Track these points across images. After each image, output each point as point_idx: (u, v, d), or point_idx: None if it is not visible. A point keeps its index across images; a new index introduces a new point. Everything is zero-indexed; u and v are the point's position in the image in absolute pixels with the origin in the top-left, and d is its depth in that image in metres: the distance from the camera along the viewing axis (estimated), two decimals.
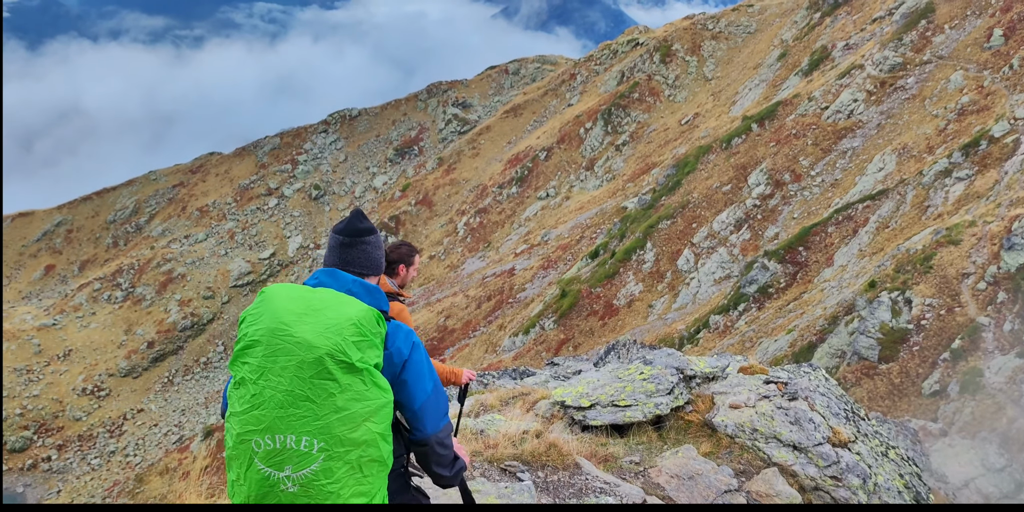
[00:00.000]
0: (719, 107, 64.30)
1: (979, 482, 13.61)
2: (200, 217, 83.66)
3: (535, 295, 52.73)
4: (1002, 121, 36.73)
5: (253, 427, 3.02)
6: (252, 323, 3.16)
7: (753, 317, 36.86)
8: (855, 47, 54.75)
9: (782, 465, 8.01)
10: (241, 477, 3.08)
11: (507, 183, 71.09)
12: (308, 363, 3.02)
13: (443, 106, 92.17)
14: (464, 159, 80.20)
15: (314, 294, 3.23)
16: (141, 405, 64.70)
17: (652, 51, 75.06)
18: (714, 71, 71.37)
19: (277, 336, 3.07)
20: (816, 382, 9.73)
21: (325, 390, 3.01)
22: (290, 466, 2.99)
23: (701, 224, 46.87)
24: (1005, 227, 27.81)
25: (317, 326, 3.08)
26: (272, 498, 3.03)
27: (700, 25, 76.00)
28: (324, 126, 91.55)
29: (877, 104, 46.66)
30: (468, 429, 9.01)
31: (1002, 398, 21.60)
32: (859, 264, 35.08)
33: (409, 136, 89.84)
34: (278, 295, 3.21)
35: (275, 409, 3.00)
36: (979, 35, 45.86)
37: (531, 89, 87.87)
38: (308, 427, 2.99)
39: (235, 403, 3.10)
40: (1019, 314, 24.61)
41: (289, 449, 2.99)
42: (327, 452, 3.00)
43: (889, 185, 39.38)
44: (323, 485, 3.01)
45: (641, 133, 68.16)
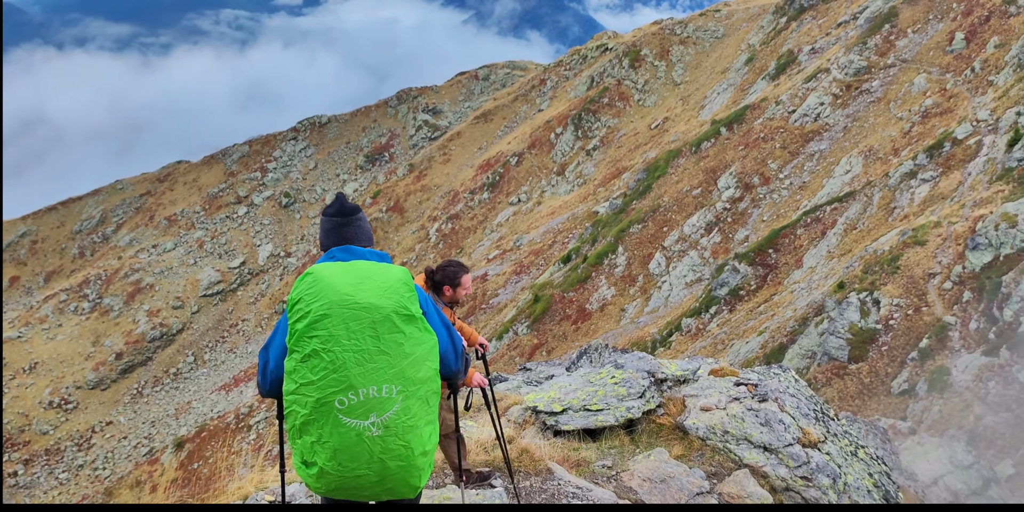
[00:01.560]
0: (688, 111, 64.76)
1: (948, 479, 13.78)
2: (168, 226, 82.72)
3: (508, 300, 52.69)
4: (965, 123, 37.32)
5: (335, 388, 3.48)
6: (313, 300, 3.57)
7: (725, 319, 37.09)
8: (821, 51, 55.42)
9: (753, 466, 8.03)
10: (324, 435, 3.51)
11: (478, 189, 71.06)
12: (378, 322, 3.55)
13: (413, 112, 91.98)
14: (435, 165, 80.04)
15: (355, 266, 3.74)
16: (110, 417, 63.71)
17: (621, 56, 75.47)
18: (683, 76, 71.89)
19: (345, 306, 3.54)
20: (786, 383, 9.78)
21: (396, 341, 3.57)
22: (375, 413, 3.51)
23: (672, 228, 47.12)
24: (969, 227, 28.23)
25: (376, 290, 3.63)
26: (359, 445, 3.50)
27: (668, 30, 76.55)
28: (294, 133, 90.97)
29: (843, 107, 47.24)
30: None
31: (969, 396, 21.88)
32: (828, 265, 35.43)
33: (379, 143, 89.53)
34: (328, 272, 3.67)
35: (354, 367, 3.48)
36: (941, 39, 46.61)
37: (501, 95, 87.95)
38: (386, 376, 3.52)
39: (307, 374, 3.50)
40: (984, 313, 24.96)
41: (372, 399, 3.50)
42: (404, 393, 3.56)
43: (856, 187, 39.84)
44: (403, 421, 3.55)
45: (611, 138, 68.45)
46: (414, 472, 3.65)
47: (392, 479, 3.62)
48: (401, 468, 3.60)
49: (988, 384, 22.02)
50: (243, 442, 45.03)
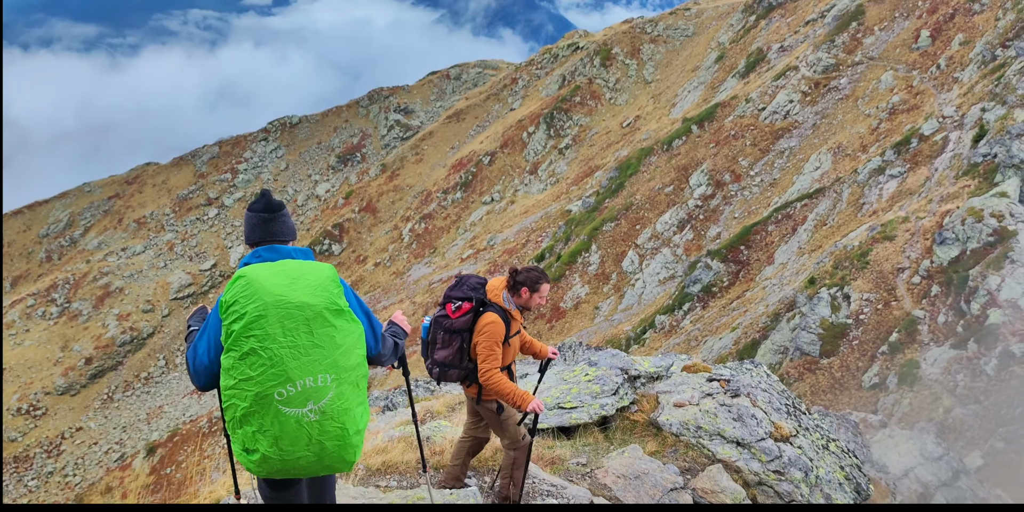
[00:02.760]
0: (659, 109, 65.06)
1: (918, 471, 13.94)
2: (137, 229, 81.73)
3: None
4: (931, 119, 37.79)
5: (274, 382, 3.73)
6: (248, 302, 3.78)
7: (698, 316, 37.29)
8: (790, 49, 55.90)
9: (726, 461, 8.06)
10: (265, 425, 3.76)
11: (451, 188, 70.91)
12: (311, 319, 3.81)
13: (385, 112, 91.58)
14: (407, 165, 79.74)
15: (285, 266, 3.98)
16: (80, 423, 62.81)
17: (592, 55, 75.65)
18: (654, 74, 72.19)
19: (279, 306, 3.77)
20: (758, 378, 9.83)
21: (328, 335, 3.84)
22: (312, 401, 3.78)
23: (645, 225, 47.30)
24: (937, 222, 28.58)
25: (307, 289, 3.87)
26: (299, 430, 3.78)
27: (639, 29, 76.84)
28: (264, 134, 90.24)
29: (812, 104, 47.68)
30: (414, 436, 8.91)
31: (938, 388, 22.16)
32: (799, 261, 35.74)
33: (351, 143, 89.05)
34: (260, 274, 3.88)
35: (291, 362, 3.74)
36: (907, 36, 47.20)
37: (473, 94, 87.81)
38: (321, 367, 3.79)
39: (246, 370, 3.73)
40: (952, 306, 25.29)
41: (309, 388, 3.77)
42: (338, 380, 3.85)
43: (826, 183, 40.22)
44: (338, 405, 3.85)
45: (583, 136, 68.59)
46: (349, 449, 3.96)
47: (330, 457, 3.92)
48: (338, 447, 3.91)
49: (957, 377, 22.31)
50: (216, 446, 44.57)
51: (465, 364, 6.25)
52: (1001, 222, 26.69)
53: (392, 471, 7.94)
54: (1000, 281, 24.57)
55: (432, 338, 6.30)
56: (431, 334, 6.31)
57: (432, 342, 6.30)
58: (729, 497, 7.57)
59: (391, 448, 8.57)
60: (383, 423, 11.47)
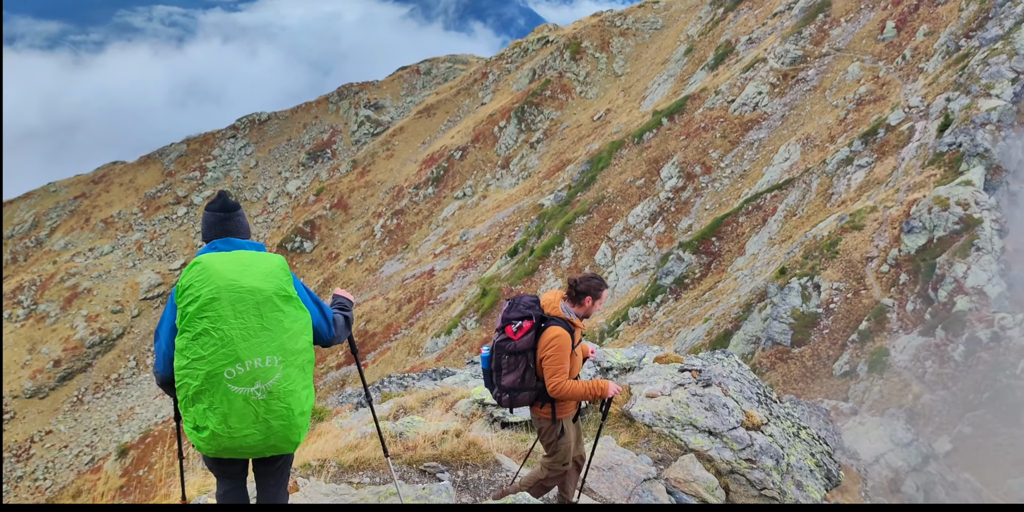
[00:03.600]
0: (630, 102, 65.21)
1: (888, 457, 14.09)
2: (105, 229, 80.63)
3: (456, 295, 52.53)
4: (897, 110, 38.19)
5: (224, 362, 3.95)
6: (202, 286, 4.01)
7: (671, 308, 37.47)
8: (758, 41, 56.23)
9: (699, 451, 8.08)
10: (215, 402, 3.98)
11: (423, 184, 70.66)
12: (261, 302, 4.05)
13: (355, 108, 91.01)
14: (378, 161, 79.34)
15: (238, 255, 4.23)
16: (49, 426, 61.94)
17: (562, 49, 75.63)
18: (624, 67, 72.34)
19: (231, 289, 4.01)
20: (729, 368, 9.87)
21: (276, 319, 4.08)
22: (259, 381, 4.01)
23: (617, 218, 47.43)
24: (904, 211, 28.91)
25: (259, 275, 4.12)
26: (246, 408, 4.01)
27: (608, 22, 76.92)
28: (233, 131, 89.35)
29: (781, 96, 48.01)
30: (387, 432, 8.84)
31: (907, 375, 22.44)
32: (770, 252, 36.01)
33: (321, 139, 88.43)
34: (214, 261, 4.13)
35: (241, 343, 3.97)
36: (873, 27, 47.64)
37: (443, 89, 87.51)
38: (269, 348, 4.03)
39: (198, 350, 3.95)
40: (920, 294, 25.61)
41: (257, 369, 3.99)
42: (284, 363, 4.07)
43: (795, 174, 40.54)
44: (284, 387, 4.07)
45: (555, 130, 68.61)
46: (294, 430, 4.17)
47: (275, 437, 4.13)
48: (283, 426, 4.12)
49: (925, 363, 22.60)
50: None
51: (535, 384, 6.12)
52: (967, 210, 27.06)
53: (365, 467, 7.88)
54: (966, 268, 24.92)
55: (496, 365, 6.13)
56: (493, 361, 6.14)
57: (496, 369, 6.14)
58: (702, 486, 7.59)
59: (363, 445, 8.50)
60: (356, 420, 11.39)
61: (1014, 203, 31.81)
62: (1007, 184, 31.74)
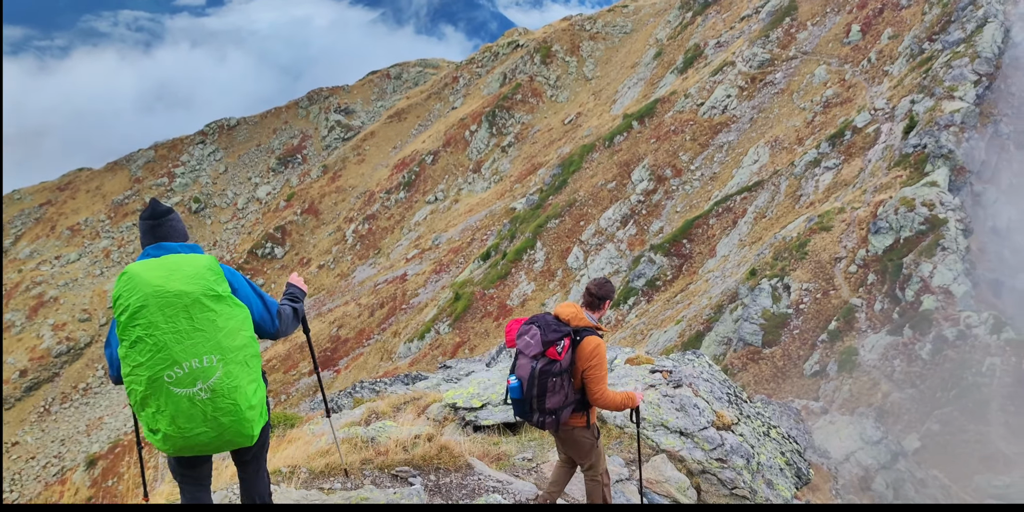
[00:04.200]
0: (600, 106, 65.47)
1: (859, 455, 14.23)
2: (71, 236, 79.48)
3: (428, 300, 52.38)
4: (864, 112, 38.69)
5: (162, 366, 4.04)
6: (130, 295, 4.10)
7: (643, 310, 37.63)
8: (726, 45, 56.71)
9: (670, 451, 8.10)
10: (162, 405, 4.09)
11: (395, 188, 70.43)
12: (190, 305, 4.11)
13: (325, 113, 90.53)
14: (349, 165, 78.97)
15: (166, 260, 4.29)
16: (16, 438, 60.84)
17: (533, 52, 75.80)
18: (594, 71, 72.64)
19: (158, 295, 4.09)
20: (700, 368, 9.91)
21: (208, 319, 4.14)
22: (200, 381, 4.08)
23: (588, 222, 47.56)
24: (871, 212, 29.27)
25: (184, 278, 4.17)
26: (193, 408, 4.10)
27: (578, 26, 77.23)
28: (201, 137, 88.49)
29: (749, 99, 48.45)
30: (359, 437, 8.78)
31: (876, 374, 22.69)
32: (740, 253, 36.28)
33: (291, 144, 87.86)
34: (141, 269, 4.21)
35: (175, 346, 4.05)
36: (839, 31, 48.25)
37: (414, 93, 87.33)
38: (205, 349, 4.10)
39: (136, 357, 4.05)
40: (888, 294, 25.92)
41: (196, 369, 4.08)
42: (224, 360, 4.15)
43: (764, 176, 40.91)
44: (227, 383, 4.15)
45: (526, 134, 68.71)
46: (246, 424, 4.27)
47: (228, 432, 4.24)
48: (233, 422, 4.22)
49: (894, 362, 22.87)
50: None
51: (574, 398, 6.03)
52: (932, 211, 27.45)
53: (336, 473, 7.81)
54: (932, 268, 25.27)
55: (539, 391, 5.99)
56: (534, 388, 5.97)
57: (540, 395, 6.02)
58: (674, 486, 7.61)
59: (334, 450, 8.43)
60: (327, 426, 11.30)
61: (978, 203, 32.34)
62: (971, 185, 32.28)
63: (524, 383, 5.85)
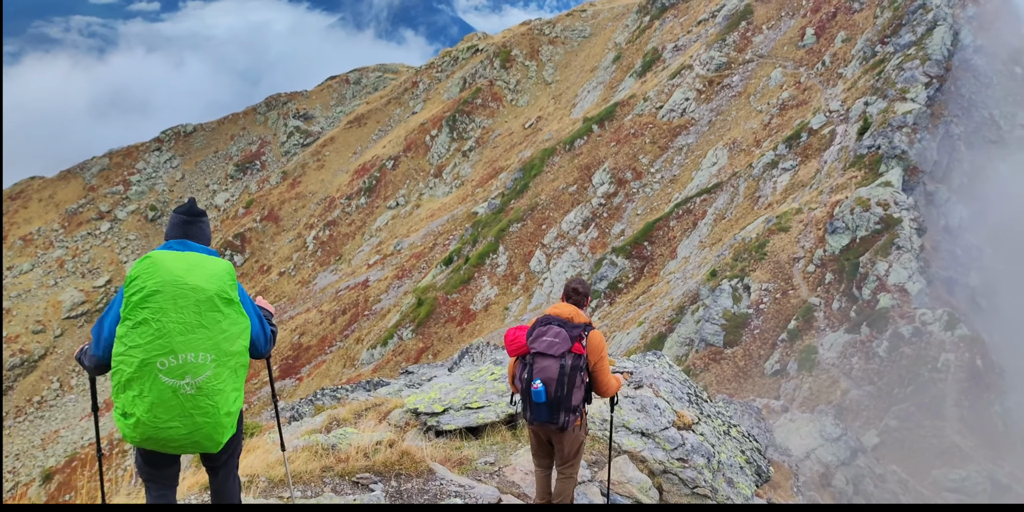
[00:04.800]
0: (561, 110, 65.72)
1: (819, 452, 14.40)
2: (24, 246, 77.73)
3: (391, 305, 52.09)
4: (819, 114, 39.27)
5: (158, 352, 4.15)
6: (148, 278, 4.24)
7: (606, 312, 37.77)
8: (684, 48, 57.25)
9: (632, 452, 8.10)
10: (145, 390, 4.16)
11: (355, 194, 69.99)
12: (202, 301, 4.26)
13: (284, 118, 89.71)
14: (309, 171, 78.33)
15: (188, 255, 4.46)
16: None
17: (492, 57, 75.87)
18: (554, 75, 72.90)
19: (175, 285, 4.24)
20: (661, 369, 9.94)
21: (215, 319, 4.29)
22: (190, 375, 4.19)
23: (550, 225, 47.67)
24: (828, 212, 29.69)
25: (203, 276, 4.34)
26: (174, 400, 4.18)
27: (537, 30, 77.47)
28: (157, 144, 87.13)
29: (707, 102, 48.95)
30: (319, 445, 8.68)
31: (835, 372, 23.00)
32: (700, 255, 36.59)
33: (250, 150, 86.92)
34: (163, 258, 4.36)
35: (177, 336, 4.18)
36: (794, 34, 48.97)
37: (374, 98, 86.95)
38: (203, 345, 4.23)
39: (136, 338, 4.16)
40: (845, 293, 26.29)
41: (189, 363, 4.19)
42: (217, 362, 4.27)
43: (723, 178, 41.32)
44: (213, 385, 4.25)
45: (487, 138, 68.72)
46: (219, 429, 4.34)
47: (199, 433, 4.29)
48: (207, 423, 4.28)
49: (852, 360, 23.19)
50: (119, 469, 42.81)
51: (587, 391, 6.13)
52: (887, 210, 27.92)
53: (296, 481, 7.72)
54: (888, 267, 25.69)
55: (568, 389, 5.84)
56: (564, 387, 5.83)
57: (568, 393, 5.86)
58: (636, 487, 7.61)
59: (295, 458, 8.33)
60: (288, 434, 11.16)
61: (931, 203, 32.98)
62: (924, 184, 32.91)
63: (552, 384, 5.80)
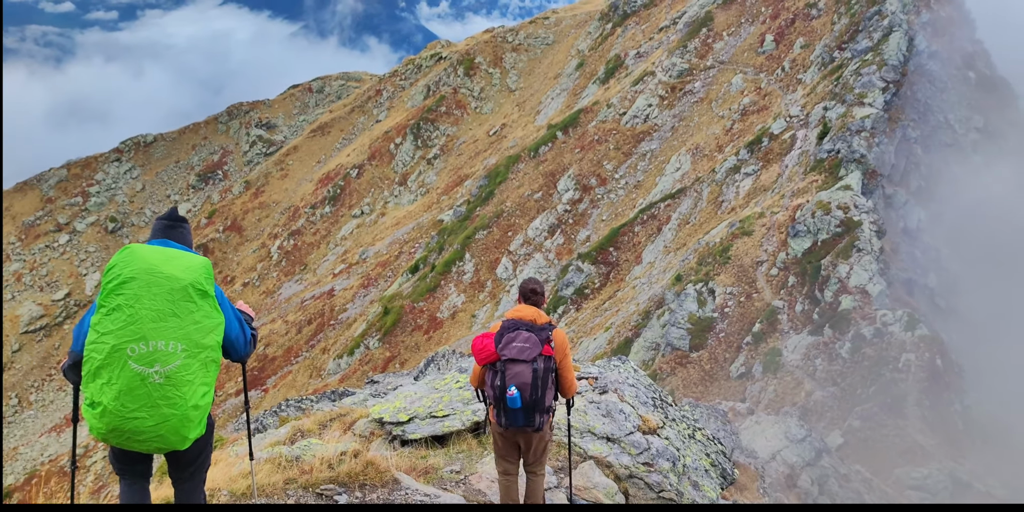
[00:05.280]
0: (525, 117, 65.88)
1: (784, 454, 14.53)
2: None
3: (357, 315, 51.75)
4: (779, 119, 39.77)
5: (129, 338, 4.21)
6: (124, 266, 4.34)
7: (572, 318, 37.85)
8: (646, 55, 57.72)
9: (598, 457, 8.10)
10: (113, 377, 4.19)
11: (320, 203, 69.52)
12: (176, 290, 4.34)
13: (246, 127, 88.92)
14: (273, 181, 77.68)
15: (166, 249, 4.57)
16: None
17: (456, 64, 75.91)
18: (517, 82, 73.10)
19: (150, 273, 4.33)
20: (625, 374, 9.96)
21: (187, 309, 4.35)
22: (159, 363, 4.23)
23: (516, 232, 47.70)
24: (789, 216, 30.04)
25: (179, 267, 4.43)
26: (142, 388, 4.20)
27: (500, 38, 77.66)
28: (117, 154, 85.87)
29: (670, 108, 49.36)
30: (283, 457, 8.58)
31: (799, 374, 23.23)
32: (665, 260, 36.83)
33: (212, 160, 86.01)
34: (141, 248, 4.49)
35: (149, 323, 4.23)
36: (753, 41, 49.58)
37: (337, 107, 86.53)
38: (174, 335, 4.27)
39: (108, 324, 4.23)
40: (808, 295, 26.59)
41: (159, 351, 4.23)
42: (187, 352, 4.31)
43: (686, 183, 41.67)
44: (182, 375, 4.28)
45: (451, 146, 68.67)
46: (186, 422, 4.32)
47: (165, 425, 4.28)
48: (174, 415, 4.27)
49: (815, 361, 23.45)
50: (80, 485, 42.01)
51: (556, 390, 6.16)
52: (847, 213, 28.32)
53: (259, 493, 7.62)
54: (849, 269, 26.04)
55: (542, 391, 5.86)
56: (538, 390, 5.84)
57: (542, 394, 5.87)
58: (602, 492, 7.60)
59: (258, 470, 8.22)
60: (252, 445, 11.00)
61: (889, 205, 33.52)
62: (882, 187, 33.45)
63: (527, 389, 5.80)
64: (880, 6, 41.62)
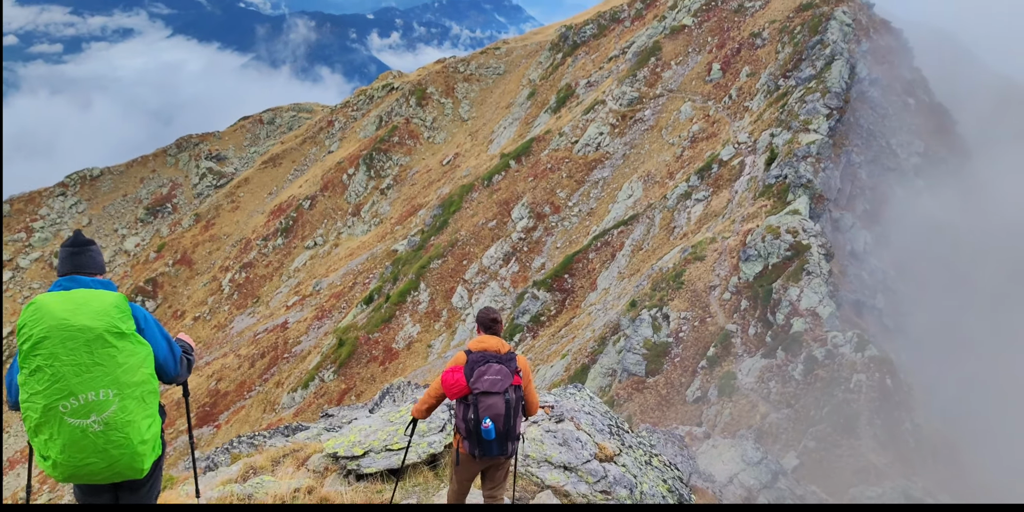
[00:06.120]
0: (478, 146, 66.18)
1: (741, 476, 14.57)
2: None
3: (311, 347, 51.06)
4: (728, 146, 40.50)
5: (58, 396, 4.20)
6: (35, 325, 4.26)
7: (529, 346, 37.77)
8: (596, 84, 58.53)
9: (555, 487, 8.03)
10: (55, 434, 4.23)
11: (272, 235, 68.79)
12: (92, 340, 4.27)
13: (195, 160, 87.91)
14: (223, 213, 76.74)
15: (73, 294, 4.45)
16: None
17: (408, 95, 76.14)
18: (470, 112, 73.51)
19: (62, 328, 4.25)
20: (582, 402, 9.94)
21: (109, 355, 4.30)
22: (95, 413, 4.24)
23: (471, 261, 47.66)
24: (740, 241, 30.47)
25: (90, 314, 4.33)
26: (84, 439, 4.24)
27: (452, 68, 78.17)
28: (62, 188, 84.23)
29: (621, 136, 50.00)
30: (234, 495, 8.38)
31: (754, 397, 23.41)
32: (620, 286, 37.04)
33: (160, 193, 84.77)
34: (49, 301, 4.38)
35: (73, 379, 4.21)
36: (701, 70, 50.59)
37: (289, 138, 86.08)
38: (102, 383, 4.26)
39: (35, 385, 4.21)
40: (760, 318, 26.90)
41: (92, 402, 4.23)
42: (120, 395, 4.31)
43: (639, 210, 42.10)
44: (121, 418, 4.31)
45: (404, 176, 68.62)
46: (137, 457, 4.41)
47: (118, 464, 4.37)
48: (124, 454, 4.36)
49: (769, 384, 23.66)
50: None
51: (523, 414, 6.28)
52: (796, 237, 28.81)
53: None
54: (799, 292, 26.42)
55: (514, 420, 5.94)
56: (511, 419, 5.91)
57: (515, 423, 5.96)
58: None
59: None
60: (203, 484, 10.74)
61: (837, 228, 34.21)
62: (830, 211, 34.15)
63: (500, 420, 5.86)
64: (822, 35, 42.84)
